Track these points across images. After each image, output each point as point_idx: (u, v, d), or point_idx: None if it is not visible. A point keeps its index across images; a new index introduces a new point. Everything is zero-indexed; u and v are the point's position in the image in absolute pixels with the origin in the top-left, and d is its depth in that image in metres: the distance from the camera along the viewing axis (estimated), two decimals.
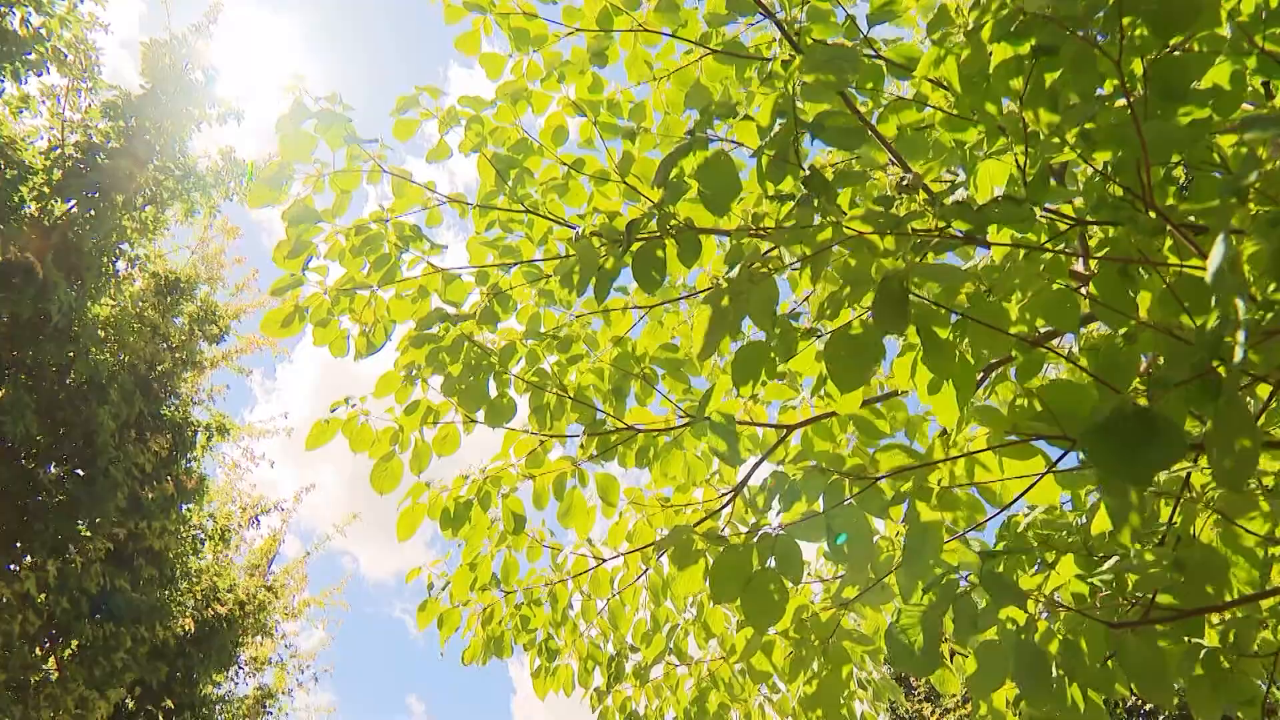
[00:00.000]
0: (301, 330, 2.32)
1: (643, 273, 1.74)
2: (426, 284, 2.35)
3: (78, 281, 6.39)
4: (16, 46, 5.34)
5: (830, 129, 1.76)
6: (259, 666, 9.43)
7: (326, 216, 2.22)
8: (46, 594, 6.64)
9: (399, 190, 2.29)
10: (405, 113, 2.25)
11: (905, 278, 1.57)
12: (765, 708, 2.94)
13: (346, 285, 2.28)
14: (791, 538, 1.76)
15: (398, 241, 2.27)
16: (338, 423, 2.30)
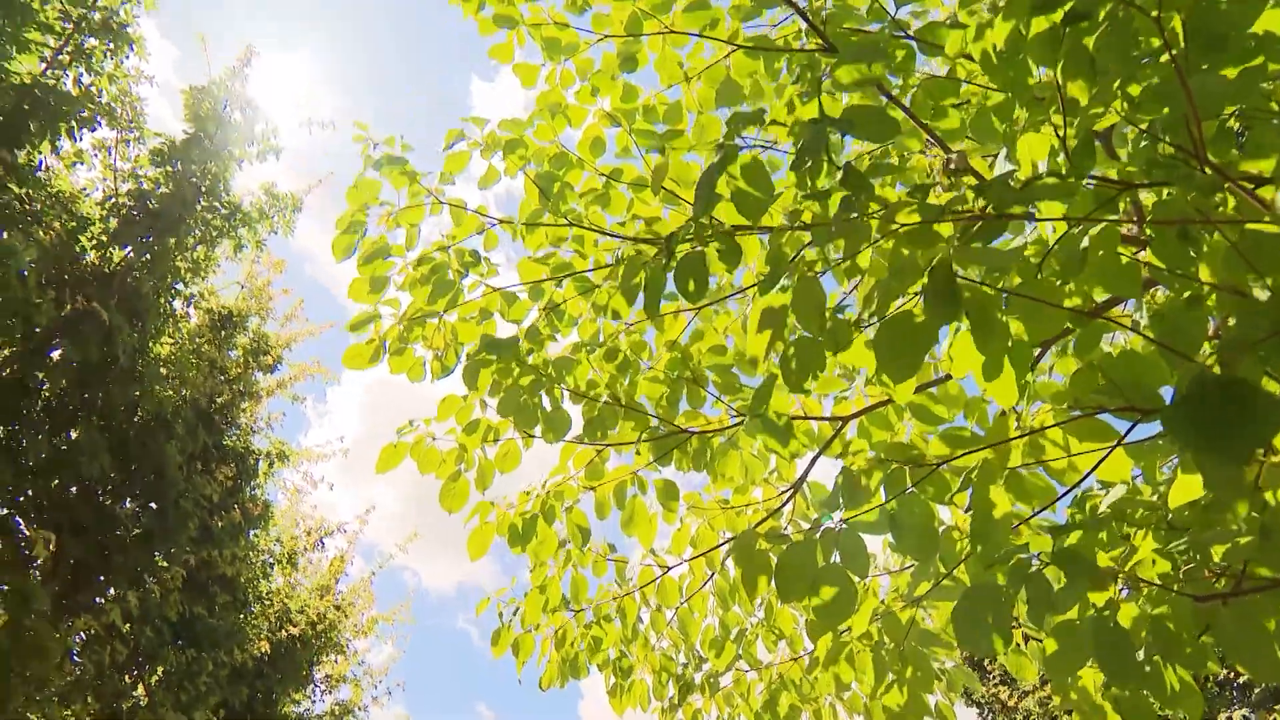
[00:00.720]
0: (381, 361, 2.41)
1: (685, 283, 1.75)
2: (488, 305, 2.42)
3: (139, 323, 6.65)
4: (70, 106, 5.59)
5: (861, 125, 1.74)
6: (334, 684, 9.69)
7: (398, 251, 2.32)
8: (131, 624, 6.92)
9: (457, 218, 2.36)
10: (453, 145, 2.31)
11: (952, 264, 1.54)
12: (836, 706, 2.90)
13: (416, 314, 2.36)
14: (855, 531, 1.74)
15: (459, 268, 2.34)
16: (405, 446, 2.37)
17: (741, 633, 2.81)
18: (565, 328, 2.44)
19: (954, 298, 1.43)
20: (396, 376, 2.42)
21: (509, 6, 2.38)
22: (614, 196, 2.31)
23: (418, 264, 2.33)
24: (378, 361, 2.41)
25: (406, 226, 2.32)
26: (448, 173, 2.32)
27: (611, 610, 2.73)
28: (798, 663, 2.80)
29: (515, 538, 2.41)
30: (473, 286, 2.41)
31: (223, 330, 8.10)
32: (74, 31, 5.55)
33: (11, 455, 6.23)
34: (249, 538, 8.16)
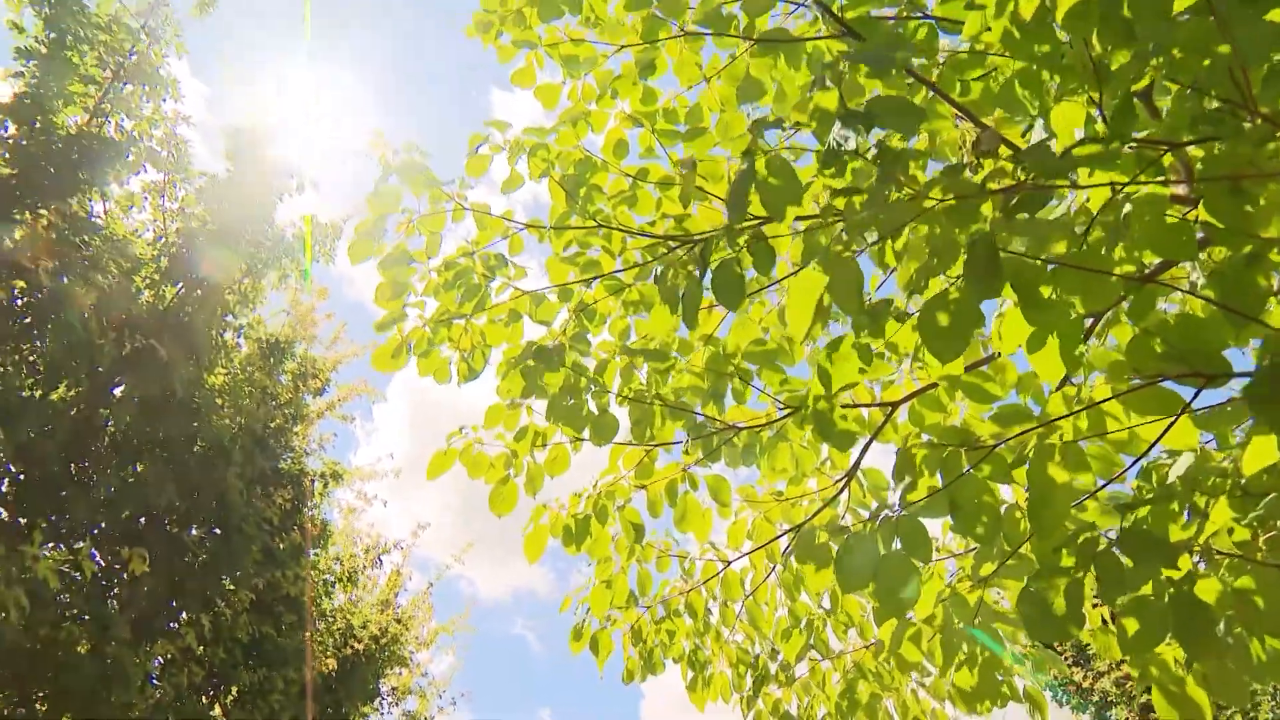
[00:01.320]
0: (406, 362, 2.44)
1: (723, 292, 1.76)
2: (517, 307, 2.45)
3: (194, 357, 6.88)
4: (116, 152, 5.82)
5: (886, 116, 1.71)
6: (401, 696, 9.88)
7: (419, 257, 2.36)
8: (205, 646, 7.16)
9: (481, 223, 2.39)
10: (477, 149, 2.34)
11: (993, 239, 1.51)
12: (919, 693, 2.86)
13: (443, 317, 2.39)
14: (915, 517, 1.72)
15: (485, 271, 2.37)
16: (454, 452, 2.42)
17: (810, 622, 2.79)
18: (596, 327, 2.45)
19: (996, 273, 1.40)
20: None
21: (526, 31, 2.42)
22: (641, 196, 2.32)
23: (443, 269, 2.37)
24: (404, 362, 2.44)
25: (427, 234, 2.34)
26: (469, 176, 2.34)
27: (680, 605, 2.74)
28: (870, 650, 2.77)
29: (569, 538, 2.43)
30: (500, 289, 2.44)
31: (272, 358, 8.33)
32: (113, 80, 5.76)
33: (84, 490, 6.49)
34: (310, 557, 8.37)
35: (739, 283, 1.75)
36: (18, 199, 5.48)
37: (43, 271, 5.35)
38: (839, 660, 2.87)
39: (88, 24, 5.54)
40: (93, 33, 5.57)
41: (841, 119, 1.62)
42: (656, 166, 2.32)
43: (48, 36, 5.42)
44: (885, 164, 1.60)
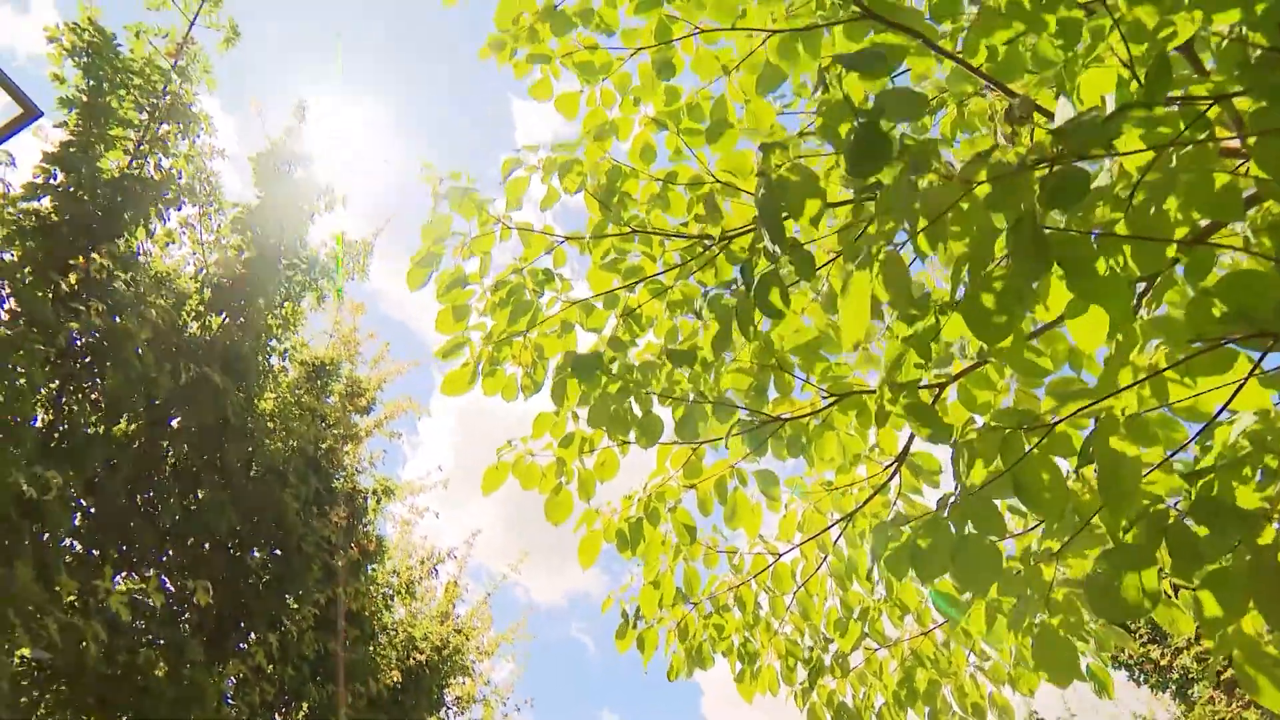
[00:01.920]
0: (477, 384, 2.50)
1: (768, 306, 1.76)
2: (567, 317, 2.48)
3: (243, 383, 7.07)
4: (155, 191, 6.02)
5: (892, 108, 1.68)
6: (466, 705, 10.02)
7: (474, 279, 2.40)
8: (273, 664, 7.35)
9: (526, 241, 2.43)
10: (513, 172, 2.38)
11: (1036, 218, 1.47)
12: (978, 677, 2.81)
13: (501, 335, 2.44)
14: (985, 498, 1.70)
15: (534, 287, 2.41)
16: (506, 465, 2.45)
17: (865, 611, 2.77)
18: (643, 330, 2.47)
19: (1043, 253, 1.36)
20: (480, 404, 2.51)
21: (539, 45, 2.44)
22: (673, 198, 2.32)
23: (495, 289, 2.41)
24: (474, 384, 2.49)
25: (480, 255, 2.40)
26: (511, 199, 2.39)
27: (730, 600, 2.73)
28: (929, 637, 2.73)
29: (623, 543, 2.45)
30: (550, 303, 2.48)
31: (318, 379, 8.52)
32: (150, 121, 5.95)
33: (150, 520, 6.72)
34: (368, 572, 8.54)
35: (783, 294, 1.76)
36: (70, 243, 5.69)
37: (93, 312, 5.55)
38: (896, 648, 2.84)
39: (123, 69, 5.73)
40: (128, 77, 5.76)
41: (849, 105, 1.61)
42: (685, 168, 2.32)
43: (87, 85, 5.62)
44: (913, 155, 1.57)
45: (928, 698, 2.74)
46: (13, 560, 5.06)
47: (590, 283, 2.45)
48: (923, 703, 2.74)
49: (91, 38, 5.56)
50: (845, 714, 2.79)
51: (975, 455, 1.79)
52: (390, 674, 8.51)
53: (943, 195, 1.54)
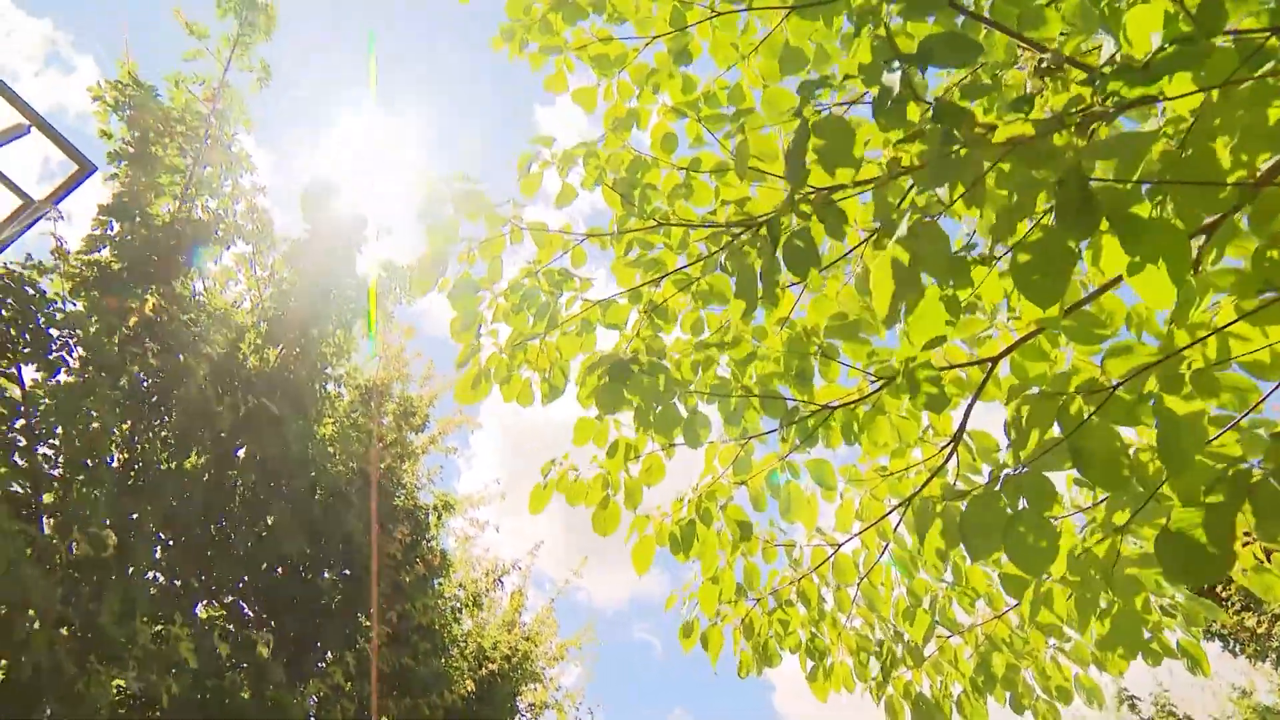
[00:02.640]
0: (490, 391, 2.49)
1: (796, 262, 1.69)
2: (588, 316, 2.45)
3: (302, 411, 7.28)
4: (206, 231, 6.25)
5: (939, 53, 1.61)
6: (539, 711, 10.13)
7: (484, 284, 2.39)
8: (351, 682, 7.54)
9: (540, 241, 2.41)
10: (528, 168, 2.37)
11: (1082, 173, 1.40)
12: (1059, 659, 2.69)
13: (517, 340, 2.42)
14: (1039, 472, 1.62)
15: (550, 288, 2.39)
16: (553, 484, 2.44)
17: (934, 598, 2.67)
18: (668, 325, 2.42)
19: (1090, 210, 1.29)
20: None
21: (553, 36, 2.42)
22: (697, 186, 2.28)
23: (509, 293, 2.39)
24: (486, 393, 2.48)
25: (489, 259, 2.38)
26: (523, 196, 2.37)
27: (793, 595, 2.67)
28: (1002, 620, 2.62)
29: (676, 546, 2.41)
30: (569, 303, 2.45)
31: (372, 402, 8.73)
32: (193, 165, 6.18)
33: (225, 549, 6.97)
34: (435, 587, 8.70)
35: (812, 251, 1.69)
36: (130, 289, 5.95)
37: (154, 353, 5.78)
38: (970, 634, 2.73)
39: (165, 119, 5.96)
40: (170, 126, 6.00)
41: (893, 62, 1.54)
42: (708, 154, 2.28)
43: (133, 137, 5.86)
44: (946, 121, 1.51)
45: (1007, 683, 2.63)
46: (103, 595, 5.30)
47: (617, 277, 2.42)
48: (1003, 688, 2.63)
49: (133, 92, 5.80)
50: (923, 704, 2.69)
51: (1029, 426, 1.71)
52: (464, 684, 8.65)
53: (980, 158, 1.47)
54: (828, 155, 1.52)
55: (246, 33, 6.19)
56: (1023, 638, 2.63)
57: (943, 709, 2.76)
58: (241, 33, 6.17)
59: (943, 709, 2.76)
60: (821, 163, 1.54)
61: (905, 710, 2.80)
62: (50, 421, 5.27)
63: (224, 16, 6.14)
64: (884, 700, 2.74)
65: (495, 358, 2.45)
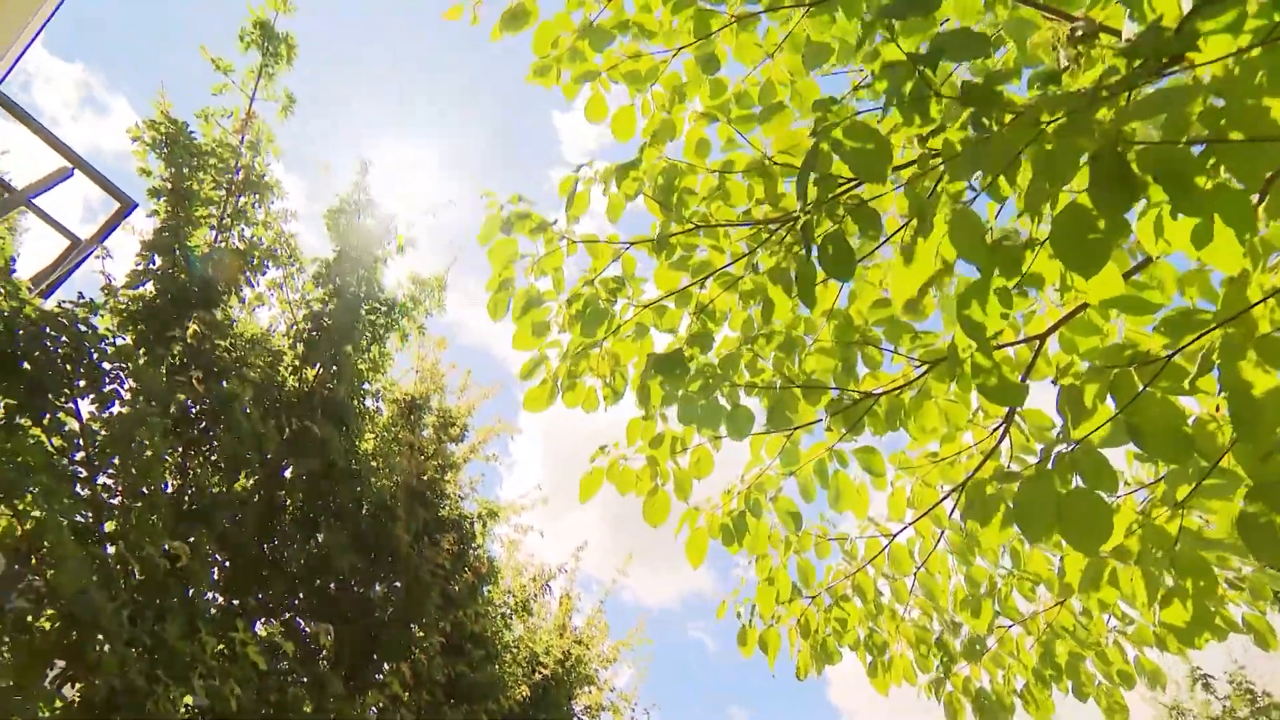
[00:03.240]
0: (557, 398, 2.53)
1: (834, 265, 1.69)
2: (642, 320, 2.48)
3: (344, 428, 7.41)
4: (241, 260, 6.40)
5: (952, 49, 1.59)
6: (595, 714, 10.18)
7: (549, 295, 2.44)
8: (408, 692, 7.66)
9: (593, 252, 2.45)
10: (575, 189, 2.41)
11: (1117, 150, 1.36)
12: (1120, 642, 2.63)
13: (579, 348, 2.46)
14: (1093, 447, 1.58)
15: (607, 296, 2.42)
16: (601, 471, 2.46)
17: (993, 586, 2.62)
18: (717, 325, 2.44)
19: (1127, 184, 1.26)
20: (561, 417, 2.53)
21: (584, 63, 2.45)
22: (733, 188, 2.29)
23: (569, 303, 2.43)
24: (554, 400, 2.52)
25: (551, 272, 2.43)
26: (573, 215, 2.41)
27: (848, 589, 2.65)
28: (1065, 606, 2.56)
29: (728, 537, 2.42)
30: (624, 310, 2.48)
31: (411, 414, 8.85)
32: (228, 196, 6.33)
33: (279, 567, 7.13)
34: (484, 594, 8.79)
35: (848, 253, 1.68)
36: (173, 320, 6.11)
37: (199, 380, 5.94)
38: (1032, 622, 2.67)
39: (199, 153, 6.12)
40: (204, 159, 6.15)
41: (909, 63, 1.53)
42: (740, 155, 2.29)
43: (170, 173, 6.03)
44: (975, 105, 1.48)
45: (1070, 671, 2.57)
46: (165, 617, 5.46)
47: (658, 283, 2.44)
48: (1066, 677, 2.57)
49: (168, 129, 5.96)
50: (985, 700, 2.64)
51: (1082, 402, 1.68)
52: (519, 690, 8.73)
53: (1013, 140, 1.45)
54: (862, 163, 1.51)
55: (269, 63, 6.32)
56: (1087, 624, 2.57)
57: (1006, 704, 2.71)
58: (264, 64, 6.31)
59: (1006, 704, 2.71)
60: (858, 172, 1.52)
61: (965, 708, 2.75)
62: (107, 452, 5.44)
63: (246, 50, 6.28)
64: (945, 699, 2.70)
65: (562, 367, 2.49)
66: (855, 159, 1.51)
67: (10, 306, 5.02)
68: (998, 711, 2.61)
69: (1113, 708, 2.51)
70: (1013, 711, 2.63)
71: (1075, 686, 2.57)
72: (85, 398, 5.50)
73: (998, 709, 2.62)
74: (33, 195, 6.43)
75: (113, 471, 5.56)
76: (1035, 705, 2.60)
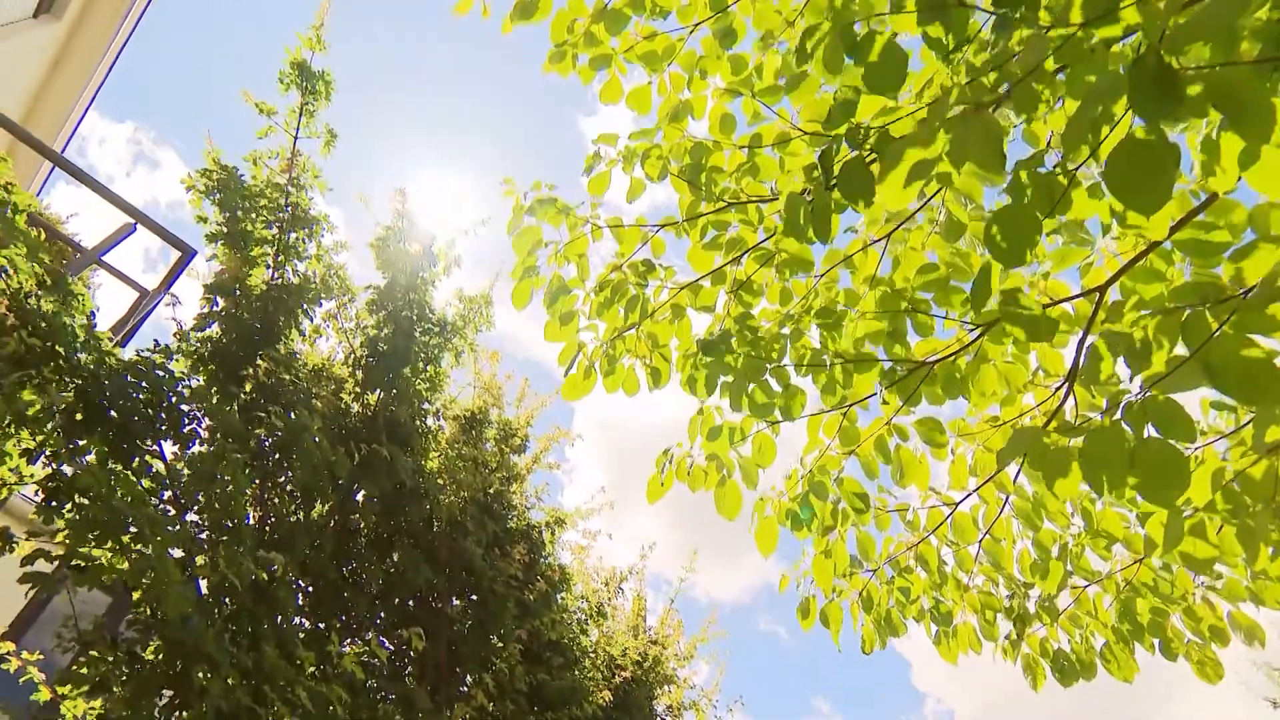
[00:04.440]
0: (595, 384, 2.53)
1: (852, 191, 1.60)
2: (679, 301, 2.46)
3: (409, 449, 7.60)
4: (296, 295, 6.63)
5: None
6: (678, 713, 10.18)
7: (575, 284, 2.44)
8: (493, 702, 7.80)
9: (619, 236, 2.44)
10: (594, 169, 2.41)
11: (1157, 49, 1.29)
12: (1211, 598, 2.49)
13: (613, 332, 2.46)
14: (1167, 391, 1.50)
15: (637, 280, 2.41)
16: (671, 473, 2.46)
17: (1064, 548, 2.52)
18: (754, 299, 2.40)
19: (1169, 87, 1.17)
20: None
21: (599, 47, 2.44)
22: (762, 162, 2.25)
23: (598, 289, 2.43)
24: (592, 386, 2.51)
25: (575, 259, 2.42)
26: (593, 195, 2.40)
27: (911, 560, 2.58)
28: (1144, 563, 2.45)
29: (796, 523, 2.38)
30: (657, 292, 2.46)
31: (472, 430, 9.02)
32: (279, 234, 6.57)
33: (359, 588, 7.35)
34: (558, 602, 8.89)
35: (866, 177, 1.59)
36: (239, 358, 6.38)
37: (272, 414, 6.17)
38: (1109, 581, 2.55)
39: (249, 195, 6.38)
40: (255, 201, 6.41)
41: None
42: (768, 127, 2.24)
43: (224, 217, 6.30)
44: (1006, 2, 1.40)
45: (1155, 629, 2.45)
46: (259, 643, 5.69)
47: (692, 264, 2.42)
48: (1150, 635, 2.45)
49: (220, 175, 6.23)
50: (1064, 660, 2.54)
51: (1150, 347, 1.59)
52: (600, 695, 8.79)
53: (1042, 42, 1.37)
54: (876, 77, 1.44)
55: (309, 101, 6.54)
56: (1167, 580, 2.44)
57: (1087, 663, 2.60)
58: (304, 102, 6.53)
59: (1087, 663, 2.60)
60: (872, 85, 1.45)
61: (1044, 668, 2.65)
62: (192, 490, 5.70)
63: (286, 91, 6.51)
64: (1021, 660, 2.60)
65: (597, 351, 2.48)
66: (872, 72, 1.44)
67: (95, 359, 5.31)
68: (1079, 671, 2.50)
69: (1204, 663, 2.37)
70: (1094, 671, 2.52)
71: (1162, 644, 2.45)
72: (168, 439, 5.78)
73: (1078, 668, 2.51)
74: (102, 253, 6.80)
75: (198, 508, 5.83)
76: (1117, 664, 2.48)
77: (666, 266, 2.41)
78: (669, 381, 2.47)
